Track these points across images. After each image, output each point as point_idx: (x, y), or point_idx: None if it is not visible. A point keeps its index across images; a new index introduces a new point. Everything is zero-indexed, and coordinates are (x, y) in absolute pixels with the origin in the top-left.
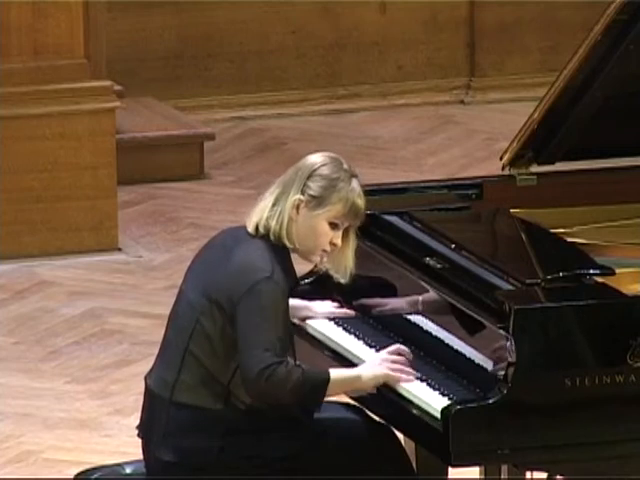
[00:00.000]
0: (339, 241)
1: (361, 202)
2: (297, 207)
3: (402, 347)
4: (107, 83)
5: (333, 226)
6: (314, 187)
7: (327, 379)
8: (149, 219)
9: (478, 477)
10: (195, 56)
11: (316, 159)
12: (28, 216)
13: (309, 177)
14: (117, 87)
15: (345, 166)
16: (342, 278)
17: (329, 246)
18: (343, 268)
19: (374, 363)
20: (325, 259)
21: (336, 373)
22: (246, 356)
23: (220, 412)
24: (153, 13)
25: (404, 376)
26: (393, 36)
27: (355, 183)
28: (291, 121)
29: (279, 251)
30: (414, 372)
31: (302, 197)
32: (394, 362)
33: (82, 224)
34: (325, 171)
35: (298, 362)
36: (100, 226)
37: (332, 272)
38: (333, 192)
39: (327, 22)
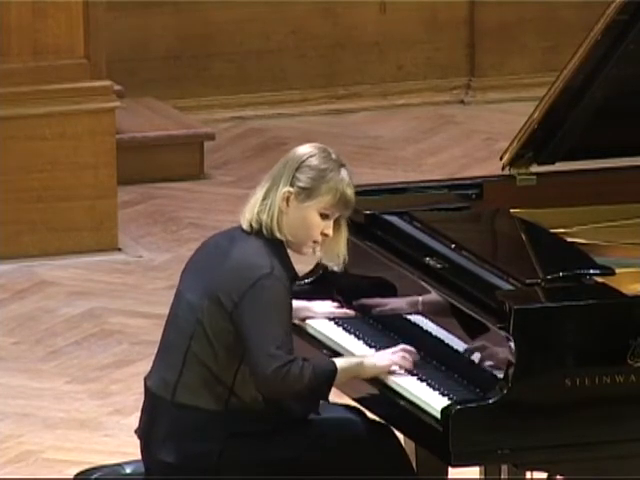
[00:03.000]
0: (330, 231)
1: (351, 192)
2: (287, 199)
3: (408, 347)
4: (107, 83)
5: (324, 217)
6: (303, 178)
7: (335, 370)
8: (149, 219)
9: (478, 477)
10: (195, 56)
11: (304, 150)
12: (28, 216)
13: (298, 169)
14: (117, 87)
15: (334, 156)
16: (336, 266)
17: (320, 237)
18: (336, 256)
19: (378, 355)
20: (317, 249)
21: (341, 362)
22: (258, 355)
23: (221, 414)
24: (153, 13)
25: (402, 369)
26: (393, 36)
27: (344, 173)
28: (291, 121)
29: (275, 246)
30: (411, 367)
31: (291, 189)
32: (399, 358)
33: (82, 224)
34: (314, 162)
35: (303, 356)
36: (100, 226)
37: (325, 261)
38: (322, 183)
39: (327, 22)
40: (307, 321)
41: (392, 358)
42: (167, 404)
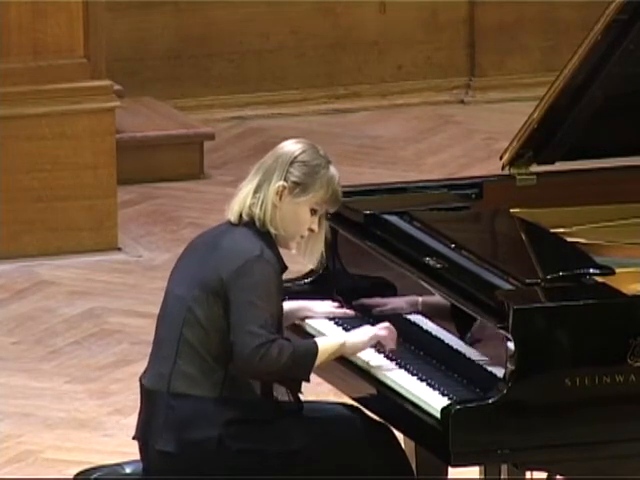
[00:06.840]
0: (316, 227)
1: (339, 188)
2: (280, 194)
3: (388, 324)
4: (107, 83)
5: (313, 212)
6: (296, 174)
7: (316, 350)
8: (149, 219)
9: (478, 477)
10: (195, 56)
11: (294, 146)
12: (28, 216)
13: (291, 164)
14: (117, 87)
15: (322, 152)
16: (311, 263)
17: (307, 232)
18: (316, 252)
19: (360, 330)
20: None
21: (322, 342)
22: (240, 332)
23: (217, 401)
24: (153, 13)
25: (386, 336)
26: (393, 36)
27: (333, 169)
28: (291, 121)
29: (265, 236)
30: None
31: (285, 184)
32: (381, 331)
33: (82, 224)
34: (306, 158)
35: (286, 335)
36: (100, 226)
37: (304, 258)
38: (316, 178)
39: (327, 22)
40: (307, 321)
41: (374, 332)
42: (163, 395)
